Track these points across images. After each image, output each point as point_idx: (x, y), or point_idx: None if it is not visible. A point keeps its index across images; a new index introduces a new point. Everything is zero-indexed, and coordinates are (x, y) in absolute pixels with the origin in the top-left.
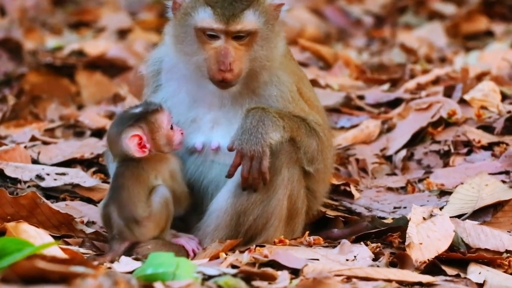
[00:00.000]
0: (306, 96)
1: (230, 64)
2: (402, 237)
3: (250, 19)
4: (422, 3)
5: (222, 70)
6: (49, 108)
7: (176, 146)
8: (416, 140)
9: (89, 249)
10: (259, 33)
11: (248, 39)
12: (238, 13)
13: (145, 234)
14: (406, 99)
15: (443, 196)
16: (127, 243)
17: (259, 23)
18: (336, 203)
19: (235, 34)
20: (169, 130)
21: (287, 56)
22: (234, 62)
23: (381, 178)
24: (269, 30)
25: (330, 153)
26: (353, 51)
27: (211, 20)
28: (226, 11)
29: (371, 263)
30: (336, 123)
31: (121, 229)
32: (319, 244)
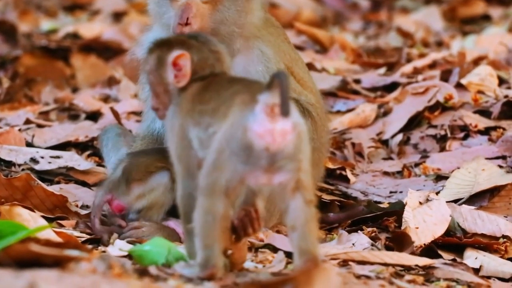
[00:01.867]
0: (299, 76)
1: (188, 19)
2: (398, 221)
3: None
4: None
5: (180, 24)
6: (44, 91)
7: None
8: (412, 124)
9: (83, 231)
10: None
11: None
12: None
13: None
14: (402, 83)
15: (439, 180)
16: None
17: None
18: (332, 187)
19: None
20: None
21: (272, 33)
22: (193, 18)
23: (377, 162)
24: None
25: (324, 132)
26: (350, 35)
27: None
28: None
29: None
30: (332, 107)
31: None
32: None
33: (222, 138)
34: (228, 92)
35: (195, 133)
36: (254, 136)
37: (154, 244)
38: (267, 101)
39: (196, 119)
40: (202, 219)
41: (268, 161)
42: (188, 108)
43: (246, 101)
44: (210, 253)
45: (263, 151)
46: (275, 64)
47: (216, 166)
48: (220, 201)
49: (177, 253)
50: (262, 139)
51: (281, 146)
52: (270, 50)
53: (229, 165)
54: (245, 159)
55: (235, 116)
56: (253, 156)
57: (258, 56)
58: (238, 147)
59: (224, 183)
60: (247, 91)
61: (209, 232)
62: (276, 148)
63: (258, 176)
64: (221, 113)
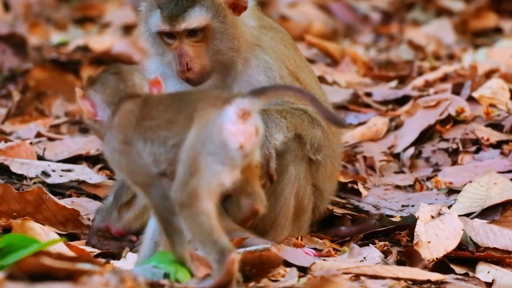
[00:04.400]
0: (305, 82)
1: (187, 64)
2: (410, 235)
3: (195, 16)
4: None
5: (182, 71)
6: (54, 104)
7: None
8: (424, 137)
9: (95, 245)
10: (211, 28)
11: (202, 35)
12: (182, 12)
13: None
14: (414, 96)
15: (451, 194)
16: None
17: (207, 18)
18: (344, 201)
19: (186, 33)
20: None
21: (273, 38)
22: (192, 61)
23: (389, 176)
24: (221, 22)
25: (335, 139)
26: (361, 48)
27: (160, 23)
28: (171, 11)
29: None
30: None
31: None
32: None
33: (196, 141)
34: (181, 102)
35: (148, 149)
36: (229, 134)
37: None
38: (241, 105)
39: (148, 135)
40: (197, 224)
41: (241, 160)
42: (132, 126)
43: (218, 104)
44: (221, 244)
45: (238, 150)
46: (277, 71)
47: (193, 172)
48: (207, 201)
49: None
50: (236, 138)
51: (252, 147)
52: (271, 57)
53: (206, 167)
54: (222, 159)
55: (208, 118)
56: (229, 155)
57: (258, 66)
58: (215, 146)
59: (205, 186)
60: (208, 97)
61: (210, 228)
62: (249, 148)
63: (234, 176)
64: (180, 123)
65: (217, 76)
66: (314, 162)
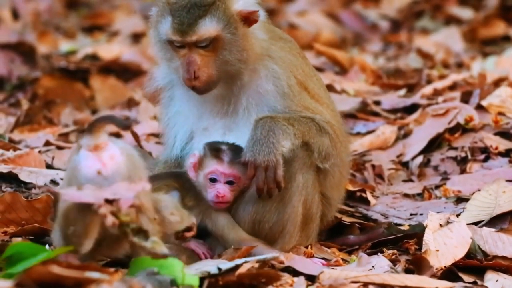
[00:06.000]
0: (313, 92)
1: (195, 73)
2: (419, 244)
3: (207, 26)
4: (439, 7)
5: (189, 79)
6: (63, 112)
7: (208, 199)
8: (432, 146)
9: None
10: (222, 39)
11: (213, 45)
12: (193, 22)
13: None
14: (422, 104)
15: (460, 203)
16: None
17: (217, 29)
18: (352, 209)
19: (196, 42)
20: (207, 180)
21: (282, 48)
22: (199, 70)
23: (398, 184)
24: (232, 34)
25: (343, 148)
26: (369, 56)
27: (170, 32)
28: (182, 21)
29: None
30: (352, 129)
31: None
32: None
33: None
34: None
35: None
36: (84, 169)
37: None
38: (88, 142)
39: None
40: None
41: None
42: None
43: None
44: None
45: (96, 176)
46: (285, 80)
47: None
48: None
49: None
50: (91, 168)
51: (114, 168)
52: (279, 67)
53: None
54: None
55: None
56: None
57: (267, 75)
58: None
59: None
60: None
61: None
62: (109, 170)
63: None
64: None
65: (223, 86)
66: (322, 170)
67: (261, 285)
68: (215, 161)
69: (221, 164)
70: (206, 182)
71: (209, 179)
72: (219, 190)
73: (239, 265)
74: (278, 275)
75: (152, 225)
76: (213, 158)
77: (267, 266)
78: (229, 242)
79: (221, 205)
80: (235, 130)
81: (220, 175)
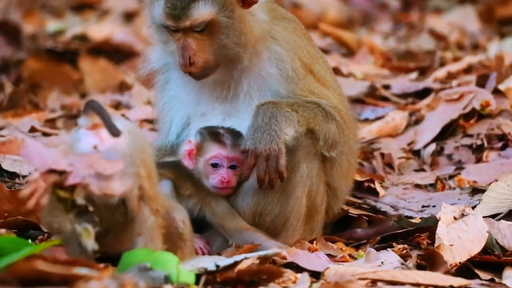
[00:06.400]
0: (319, 75)
1: (190, 58)
2: (431, 238)
3: (201, 10)
4: None
5: (184, 65)
6: (50, 96)
7: (210, 186)
8: (446, 133)
9: None
10: (217, 22)
11: (208, 29)
12: (186, 6)
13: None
14: (435, 89)
15: (475, 194)
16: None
17: (212, 13)
18: (360, 201)
19: (190, 26)
20: (209, 165)
21: (286, 28)
22: (195, 55)
23: (408, 174)
24: (228, 17)
25: (351, 135)
26: (378, 37)
27: (163, 17)
28: (175, 5)
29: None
30: (359, 115)
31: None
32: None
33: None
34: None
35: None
36: (81, 144)
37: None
38: (86, 122)
39: None
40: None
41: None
42: None
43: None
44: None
45: (93, 151)
46: (289, 63)
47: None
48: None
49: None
50: (89, 143)
51: (112, 144)
52: (283, 48)
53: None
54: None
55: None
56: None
57: (269, 58)
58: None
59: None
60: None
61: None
62: (106, 146)
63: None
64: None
65: (222, 70)
66: (328, 159)
67: (262, 282)
68: (216, 145)
69: (224, 148)
70: (208, 168)
71: (211, 164)
72: (223, 175)
73: (238, 262)
74: (280, 271)
75: (154, 217)
76: (214, 142)
77: (268, 262)
78: (230, 232)
79: (225, 190)
80: (235, 115)
81: (223, 159)
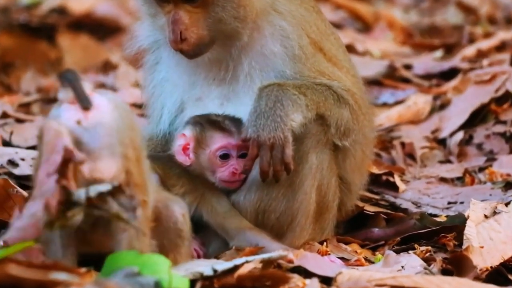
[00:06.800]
0: (330, 53)
1: (181, 34)
2: (459, 239)
3: None
4: None
5: (175, 41)
6: (24, 77)
7: (219, 180)
8: (475, 119)
9: None
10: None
11: (202, 0)
12: None
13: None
14: (463, 69)
15: (509, 189)
16: None
17: None
18: (377, 196)
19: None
20: (217, 158)
21: (291, 0)
22: (187, 30)
23: (433, 166)
24: None
25: (366, 122)
26: (398, 10)
27: None
28: None
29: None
30: (376, 99)
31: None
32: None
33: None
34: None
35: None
36: (62, 120)
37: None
38: (67, 96)
39: None
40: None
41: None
42: None
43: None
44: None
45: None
46: (296, 40)
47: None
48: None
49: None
50: (71, 119)
51: (97, 118)
52: (288, 23)
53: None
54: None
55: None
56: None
57: (273, 34)
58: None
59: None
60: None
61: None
62: (90, 120)
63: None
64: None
65: (218, 48)
66: (340, 149)
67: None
68: (221, 134)
69: (231, 136)
70: (216, 160)
71: (219, 156)
72: (234, 166)
73: (238, 266)
74: (286, 276)
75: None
76: (217, 131)
77: (272, 266)
78: (231, 233)
79: (236, 184)
80: (235, 100)
81: (232, 148)
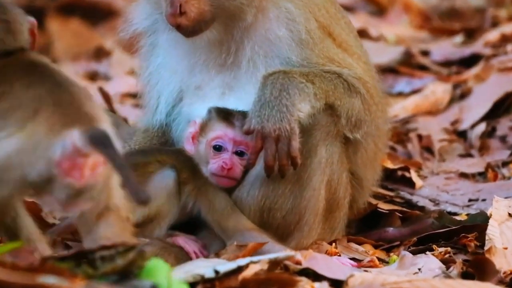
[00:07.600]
0: (340, 39)
1: (181, 6)
2: (480, 239)
3: None
4: None
5: (173, 14)
6: None
7: (209, 173)
8: (499, 110)
9: (63, 250)
10: None
11: None
12: None
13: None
14: (486, 55)
15: None
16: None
17: None
18: (392, 193)
19: None
20: (211, 148)
21: None
22: (187, 3)
23: (452, 160)
24: None
25: (379, 112)
26: None
27: None
28: None
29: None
30: (391, 88)
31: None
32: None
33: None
34: (27, 94)
35: None
36: (59, 171)
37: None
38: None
39: None
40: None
41: (69, 195)
42: None
43: (55, 128)
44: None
45: (66, 187)
46: (303, 23)
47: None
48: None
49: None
50: (68, 176)
51: (90, 181)
52: (295, 6)
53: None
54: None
55: (38, 141)
56: (53, 188)
57: (278, 17)
58: (36, 177)
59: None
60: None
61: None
62: (84, 184)
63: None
64: (15, 119)
65: (219, 28)
66: (351, 141)
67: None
68: (223, 124)
69: (232, 128)
70: (209, 150)
71: (213, 146)
72: (225, 160)
73: (242, 267)
74: (293, 279)
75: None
76: (221, 121)
77: (279, 268)
78: (228, 232)
79: (226, 181)
80: (237, 88)
81: (228, 141)
